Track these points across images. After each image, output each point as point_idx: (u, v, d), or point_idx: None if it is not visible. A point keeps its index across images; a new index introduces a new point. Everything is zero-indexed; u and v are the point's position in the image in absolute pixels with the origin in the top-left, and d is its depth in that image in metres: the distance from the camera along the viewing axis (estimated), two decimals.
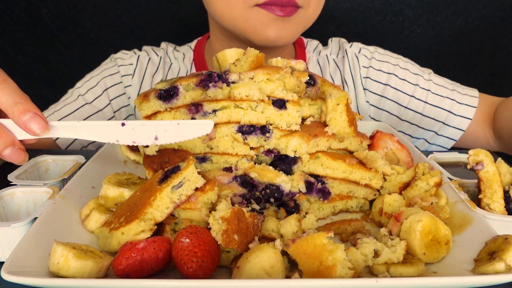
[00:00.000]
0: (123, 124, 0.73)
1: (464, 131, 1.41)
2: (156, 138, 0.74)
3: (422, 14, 1.99)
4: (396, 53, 1.57)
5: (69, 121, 0.73)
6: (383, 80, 1.49)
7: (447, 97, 1.43)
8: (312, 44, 1.61)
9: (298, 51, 1.56)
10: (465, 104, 1.40)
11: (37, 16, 2.03)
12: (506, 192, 0.79)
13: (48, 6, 2.01)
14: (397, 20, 2.00)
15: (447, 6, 1.97)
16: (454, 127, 1.42)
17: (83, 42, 2.09)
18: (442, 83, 1.46)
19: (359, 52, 1.53)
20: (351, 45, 1.55)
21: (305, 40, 1.61)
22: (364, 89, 1.51)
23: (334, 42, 1.61)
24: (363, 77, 1.51)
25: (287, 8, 1.23)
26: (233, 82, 0.84)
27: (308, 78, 0.88)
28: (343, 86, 1.52)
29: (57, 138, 1.40)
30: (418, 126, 1.47)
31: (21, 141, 0.74)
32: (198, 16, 1.98)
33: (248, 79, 0.84)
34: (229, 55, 0.86)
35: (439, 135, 1.45)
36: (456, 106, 1.41)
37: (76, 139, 1.43)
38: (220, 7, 1.29)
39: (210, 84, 0.85)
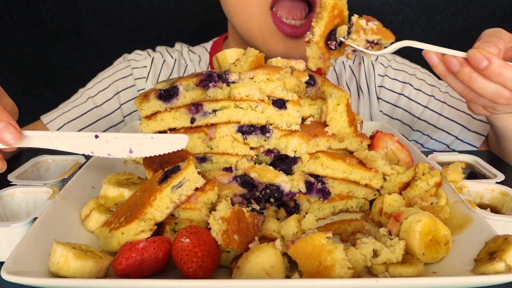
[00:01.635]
0: (96, 136, 0.73)
1: (477, 147, 1.36)
2: (130, 151, 0.74)
3: (422, 14, 1.99)
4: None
5: (43, 131, 0.73)
6: (398, 90, 1.47)
7: (464, 111, 1.38)
8: None
9: None
10: (480, 120, 1.35)
11: (37, 16, 2.03)
12: (333, 31, 0.90)
13: (48, 6, 2.01)
14: (397, 20, 2.00)
15: (447, 6, 1.97)
16: (467, 143, 1.38)
17: (83, 42, 2.09)
18: (460, 97, 1.41)
19: (376, 60, 1.51)
20: None
21: None
22: (378, 98, 1.49)
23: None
24: (378, 86, 1.49)
25: (300, 29, 1.22)
26: (233, 82, 0.84)
27: (308, 78, 0.88)
28: (359, 94, 1.51)
29: None
30: (430, 137, 1.44)
31: None
32: (198, 16, 1.98)
33: (248, 79, 0.84)
34: (229, 55, 0.86)
35: (450, 149, 1.41)
36: (472, 121, 1.37)
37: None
38: (235, 4, 1.27)
39: (210, 84, 0.85)
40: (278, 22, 1.23)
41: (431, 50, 0.91)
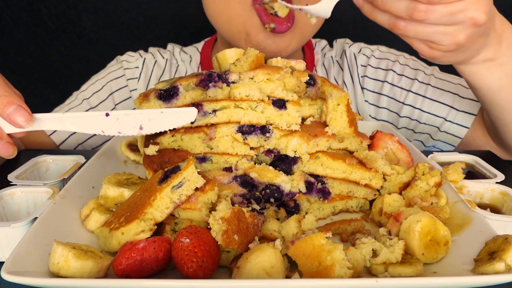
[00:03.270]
0: (107, 114, 0.73)
1: (468, 127, 1.32)
2: (141, 128, 0.74)
3: None
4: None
5: (55, 113, 0.74)
6: (381, 77, 1.46)
7: (449, 91, 1.35)
8: (320, 45, 1.59)
9: (307, 53, 1.55)
10: (469, 99, 1.31)
11: (37, 16, 2.03)
12: None
13: (48, 6, 2.01)
14: None
15: None
16: (457, 123, 1.34)
17: (83, 42, 2.09)
18: (445, 77, 1.39)
19: (358, 52, 1.52)
20: (350, 45, 1.54)
21: (313, 41, 1.59)
22: (362, 88, 1.50)
23: (338, 43, 1.59)
24: (361, 76, 1.50)
25: (283, 25, 1.20)
26: (233, 82, 0.84)
27: (308, 78, 0.88)
28: (343, 87, 1.52)
29: (52, 133, 1.40)
30: (419, 122, 1.41)
31: (10, 135, 0.74)
32: (198, 16, 1.98)
33: (248, 79, 0.84)
34: (229, 55, 0.86)
35: (442, 131, 1.38)
36: (459, 101, 1.33)
37: (71, 134, 1.42)
38: (217, 4, 1.26)
39: (210, 84, 0.85)
40: (263, 15, 1.20)
41: None
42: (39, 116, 0.73)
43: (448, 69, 1.50)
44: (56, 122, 0.74)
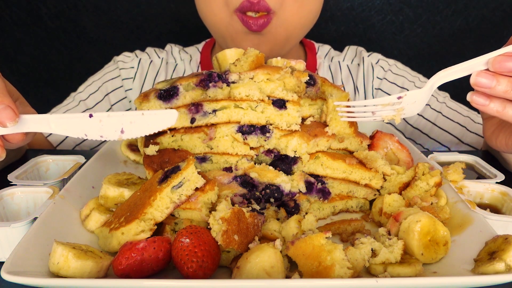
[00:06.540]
0: (90, 116, 0.73)
1: None
2: (122, 132, 0.73)
3: (422, 14, 1.99)
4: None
5: (42, 114, 0.74)
6: (395, 94, 1.47)
7: (458, 123, 1.39)
8: (323, 50, 1.58)
9: (309, 56, 1.54)
10: (475, 134, 1.36)
11: (37, 16, 2.03)
12: None
13: (48, 6, 2.01)
14: (397, 20, 2.00)
15: (447, 5, 1.97)
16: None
17: (83, 42, 2.09)
18: (456, 107, 1.42)
19: (376, 63, 1.51)
20: (369, 55, 1.53)
21: (316, 45, 1.59)
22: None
23: (351, 49, 1.59)
24: (375, 88, 1.49)
25: (260, 20, 1.20)
26: (233, 82, 0.84)
27: (308, 78, 0.88)
28: (355, 94, 1.51)
29: (49, 134, 1.40)
30: (423, 147, 1.44)
31: (5, 139, 0.74)
32: (198, 16, 1.98)
33: (248, 79, 0.84)
34: (229, 55, 0.86)
35: None
36: (466, 134, 1.37)
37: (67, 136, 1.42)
38: (204, 10, 1.29)
39: (210, 84, 0.85)
40: (246, 20, 1.20)
41: (476, 95, 0.78)
42: (26, 117, 0.73)
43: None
44: (42, 124, 0.73)
